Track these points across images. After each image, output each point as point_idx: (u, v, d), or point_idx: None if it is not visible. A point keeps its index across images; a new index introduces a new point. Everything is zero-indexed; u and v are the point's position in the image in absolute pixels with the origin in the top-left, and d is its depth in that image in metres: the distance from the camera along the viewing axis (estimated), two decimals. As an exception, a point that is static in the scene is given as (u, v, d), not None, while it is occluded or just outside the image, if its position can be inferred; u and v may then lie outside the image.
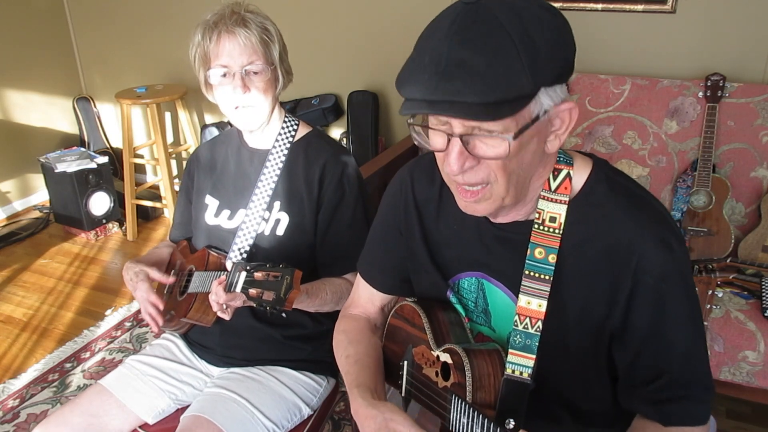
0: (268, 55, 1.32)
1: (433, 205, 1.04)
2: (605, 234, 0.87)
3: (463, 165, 0.81)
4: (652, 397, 0.91)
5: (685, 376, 0.90)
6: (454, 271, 1.03)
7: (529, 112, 0.78)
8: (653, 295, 0.86)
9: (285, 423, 1.37)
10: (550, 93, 0.78)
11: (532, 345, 0.89)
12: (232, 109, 1.34)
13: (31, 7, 3.83)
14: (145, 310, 1.41)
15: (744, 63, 2.42)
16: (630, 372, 0.93)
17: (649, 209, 0.89)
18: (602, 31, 2.64)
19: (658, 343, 0.89)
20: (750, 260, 2.05)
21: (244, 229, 1.40)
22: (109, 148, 4.20)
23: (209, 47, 1.30)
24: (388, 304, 1.21)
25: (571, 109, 0.83)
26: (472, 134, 0.79)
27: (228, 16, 1.29)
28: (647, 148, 2.37)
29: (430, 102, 0.75)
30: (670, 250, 0.85)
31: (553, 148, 0.85)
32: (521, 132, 0.78)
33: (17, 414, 2.21)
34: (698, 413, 0.91)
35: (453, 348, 0.94)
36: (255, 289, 1.08)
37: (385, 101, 3.25)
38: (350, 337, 1.15)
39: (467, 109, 0.73)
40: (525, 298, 0.90)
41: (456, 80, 0.73)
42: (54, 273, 3.20)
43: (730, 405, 2.13)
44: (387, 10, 3.06)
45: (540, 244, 0.90)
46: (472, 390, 0.89)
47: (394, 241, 1.12)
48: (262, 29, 1.31)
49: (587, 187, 0.91)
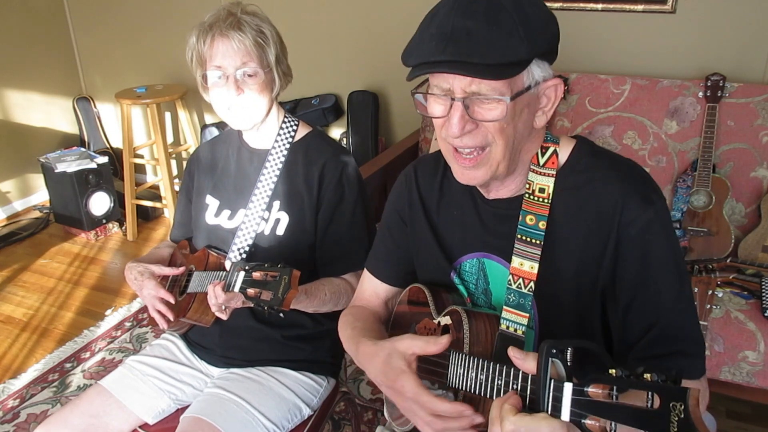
0: (263, 58, 1.32)
1: (436, 195, 1.11)
2: (591, 196, 0.94)
3: (464, 127, 0.87)
4: (644, 354, 0.93)
5: (675, 326, 0.92)
6: (457, 254, 1.07)
7: (522, 80, 0.86)
8: (638, 246, 0.91)
9: (285, 423, 1.37)
10: (540, 65, 0.87)
11: (525, 304, 0.95)
12: (225, 109, 1.34)
13: (31, 7, 3.84)
14: (153, 307, 1.41)
15: (744, 63, 2.42)
16: (623, 331, 0.95)
17: (629, 170, 0.96)
18: (602, 31, 2.64)
19: (645, 293, 0.92)
20: (750, 260, 2.05)
21: (244, 229, 1.40)
22: (109, 148, 4.21)
23: (203, 50, 1.31)
24: (392, 299, 1.23)
25: (556, 85, 0.91)
26: (472, 98, 0.86)
27: (223, 19, 1.29)
28: (647, 148, 2.37)
29: (437, 62, 0.83)
30: (650, 203, 0.91)
31: (540, 123, 0.94)
32: (516, 96, 0.86)
33: (17, 414, 2.21)
34: (690, 367, 0.92)
35: (453, 308, 0.98)
36: (253, 289, 1.08)
37: (385, 101, 3.25)
38: (356, 316, 1.18)
39: (472, 68, 0.81)
40: (518, 259, 0.96)
41: (462, 44, 0.81)
42: (54, 273, 3.20)
43: (730, 405, 2.13)
44: (387, 10, 3.06)
45: (530, 212, 0.97)
46: (469, 343, 0.92)
47: (400, 233, 1.17)
48: (258, 32, 1.31)
49: (572, 158, 0.99)
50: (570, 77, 2.51)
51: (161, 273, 1.44)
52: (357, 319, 1.16)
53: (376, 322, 1.18)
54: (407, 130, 3.13)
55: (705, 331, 1.70)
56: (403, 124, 3.25)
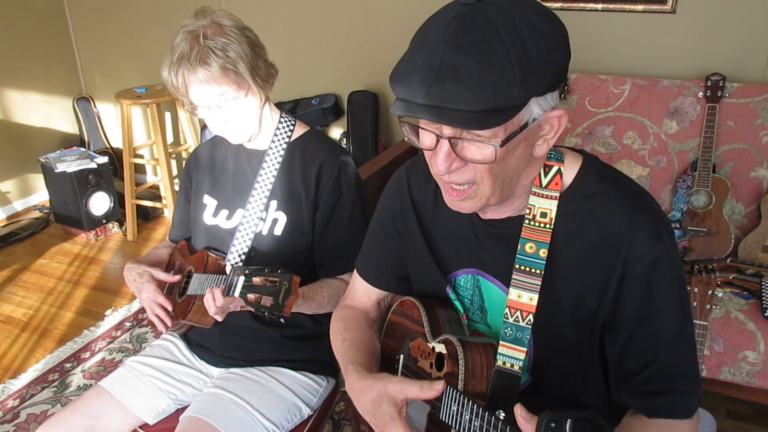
0: (237, 80, 1.29)
1: (430, 204, 1.06)
2: (596, 225, 0.89)
3: (450, 166, 0.83)
4: (639, 389, 0.92)
5: (672, 366, 0.91)
6: (452, 267, 1.04)
7: (519, 119, 0.79)
8: (642, 283, 0.88)
9: (285, 423, 1.37)
10: (540, 102, 0.79)
11: (523, 338, 0.91)
12: (220, 131, 1.36)
13: (31, 7, 3.84)
14: (151, 311, 1.41)
15: (744, 63, 2.41)
16: (620, 364, 0.94)
17: (638, 199, 0.91)
18: (602, 31, 2.64)
19: (646, 331, 0.90)
20: (750, 260, 2.05)
21: (242, 229, 1.40)
22: (109, 148, 4.21)
23: (178, 84, 1.30)
24: (384, 300, 1.22)
25: (560, 116, 0.84)
26: (460, 137, 0.80)
27: (188, 52, 1.26)
28: (647, 148, 2.37)
29: (420, 105, 0.77)
30: (660, 239, 0.87)
31: (540, 152, 0.87)
32: (509, 139, 0.79)
33: (17, 414, 2.21)
34: (684, 406, 0.92)
35: (448, 338, 0.94)
36: (253, 294, 1.08)
37: (385, 101, 3.25)
38: (347, 324, 1.16)
39: (456, 116, 0.74)
40: (515, 291, 0.92)
41: (448, 86, 0.74)
42: (54, 273, 3.20)
43: (730, 405, 2.13)
44: (387, 10, 3.06)
45: (530, 239, 0.91)
46: (464, 378, 0.90)
47: (392, 240, 1.14)
48: (224, 57, 1.25)
49: (577, 181, 0.92)
50: (570, 77, 2.51)
51: (159, 278, 1.44)
52: (347, 328, 1.14)
53: (368, 329, 1.15)
54: (407, 130, 3.13)
55: (705, 331, 1.70)
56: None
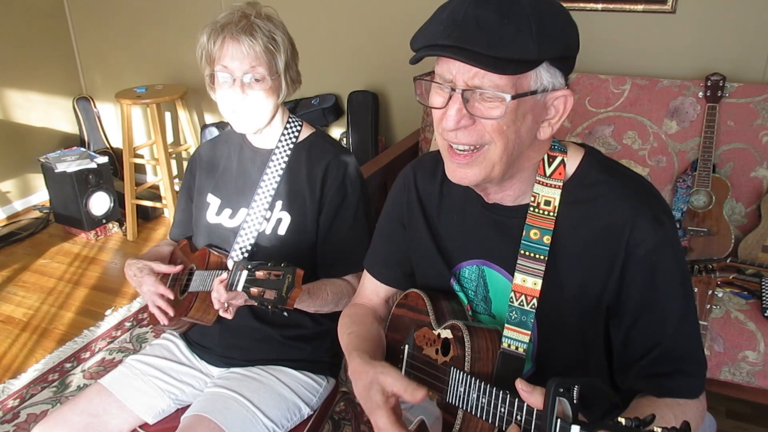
0: (272, 64, 1.31)
1: (435, 199, 1.08)
2: (599, 213, 0.91)
3: (459, 121, 0.84)
4: (646, 371, 0.93)
5: (678, 348, 0.92)
6: (457, 260, 1.06)
7: (528, 81, 0.83)
8: (645, 267, 0.90)
9: (285, 422, 1.37)
10: (551, 71, 0.84)
11: (527, 321, 0.93)
12: (230, 112, 1.35)
13: (31, 7, 3.84)
14: (152, 303, 1.41)
15: (744, 63, 2.42)
16: (625, 349, 0.95)
17: (640, 187, 0.93)
18: (602, 31, 2.64)
19: (651, 314, 0.91)
20: (750, 260, 2.06)
21: (246, 228, 1.40)
22: (109, 148, 4.20)
23: (213, 49, 1.30)
24: (392, 297, 1.23)
25: (566, 96, 0.87)
26: (473, 92, 0.83)
27: (236, 21, 1.28)
28: (647, 148, 2.37)
29: (442, 46, 0.80)
30: (661, 224, 0.89)
31: (544, 135, 0.90)
32: (518, 97, 0.82)
33: (17, 414, 2.21)
34: (691, 387, 0.93)
35: (454, 323, 0.96)
36: (256, 288, 1.07)
37: (385, 101, 3.25)
38: (354, 319, 1.18)
39: (476, 57, 0.78)
40: (520, 276, 0.94)
41: (470, 32, 0.79)
42: (54, 273, 3.20)
43: (730, 405, 2.13)
44: (387, 10, 3.07)
45: (535, 226, 0.94)
46: (470, 360, 0.91)
47: (399, 235, 1.16)
48: (269, 38, 1.30)
49: (580, 171, 0.95)
50: (570, 77, 2.51)
51: (160, 270, 1.44)
52: (354, 323, 1.16)
53: (374, 323, 1.17)
54: (407, 130, 3.13)
55: (705, 331, 1.70)
56: (403, 124, 3.25)
